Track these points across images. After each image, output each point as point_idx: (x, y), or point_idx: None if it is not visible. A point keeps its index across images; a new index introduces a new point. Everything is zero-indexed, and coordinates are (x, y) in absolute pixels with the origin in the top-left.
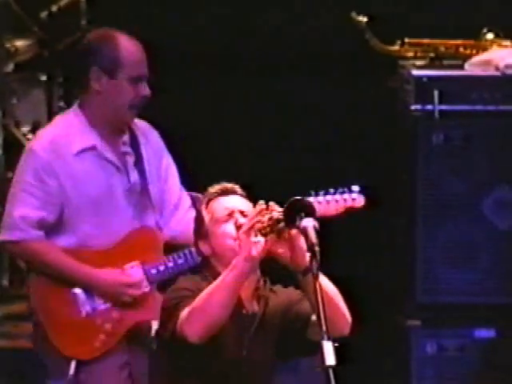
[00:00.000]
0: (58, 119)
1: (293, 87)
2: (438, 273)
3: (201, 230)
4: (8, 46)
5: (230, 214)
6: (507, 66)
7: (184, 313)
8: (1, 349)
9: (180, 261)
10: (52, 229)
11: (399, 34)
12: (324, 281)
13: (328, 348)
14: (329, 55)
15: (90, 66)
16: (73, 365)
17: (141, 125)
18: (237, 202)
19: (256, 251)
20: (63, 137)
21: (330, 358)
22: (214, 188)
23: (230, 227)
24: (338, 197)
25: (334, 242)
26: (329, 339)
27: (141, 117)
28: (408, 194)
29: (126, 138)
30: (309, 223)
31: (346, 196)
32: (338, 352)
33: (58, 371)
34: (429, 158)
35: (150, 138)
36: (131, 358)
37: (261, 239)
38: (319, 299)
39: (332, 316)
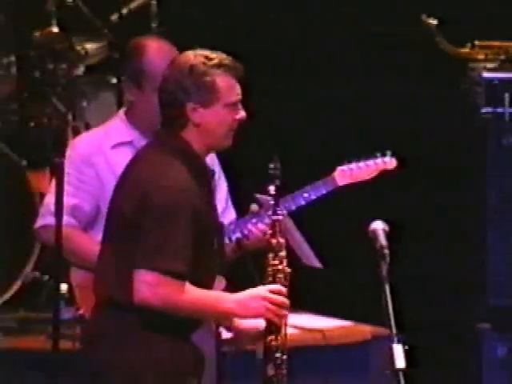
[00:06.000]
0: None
1: (365, 87)
2: (509, 275)
3: (206, 97)
4: (78, 48)
5: (235, 104)
6: None
7: (152, 278)
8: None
9: None
10: (92, 223)
11: (470, 36)
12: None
13: (398, 351)
14: (402, 56)
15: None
16: None
17: None
18: (240, 89)
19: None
20: (102, 132)
21: (400, 361)
22: (222, 56)
23: (231, 118)
24: (369, 162)
25: (403, 244)
26: (399, 342)
27: None
28: (478, 195)
29: None
30: (378, 226)
31: (377, 160)
32: (407, 355)
33: None
34: (498, 160)
35: None
36: None
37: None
38: (389, 303)
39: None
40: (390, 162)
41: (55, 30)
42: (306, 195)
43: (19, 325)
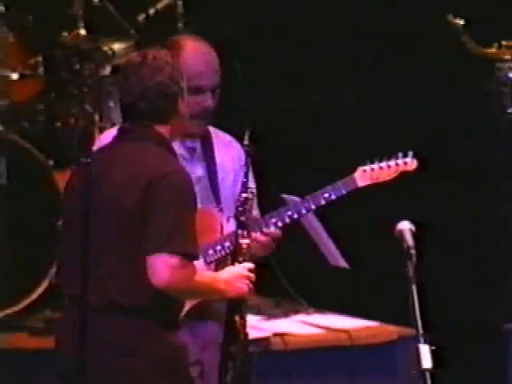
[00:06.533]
0: None
1: (390, 87)
2: None
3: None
4: (105, 48)
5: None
6: None
7: (173, 261)
8: None
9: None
10: None
11: (496, 36)
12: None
13: (424, 351)
14: (426, 57)
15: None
16: None
17: (223, 136)
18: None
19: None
20: None
21: (427, 361)
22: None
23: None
24: (390, 162)
25: (429, 244)
26: (425, 342)
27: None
28: (504, 195)
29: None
30: (405, 226)
31: (398, 161)
32: (434, 355)
33: None
34: None
35: (231, 150)
36: (205, 353)
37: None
38: (415, 303)
39: None
40: (410, 163)
41: (82, 31)
42: (326, 195)
43: (45, 325)
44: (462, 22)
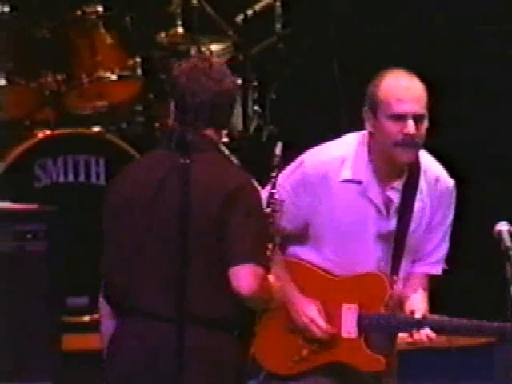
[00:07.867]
0: (346, 139)
1: None
2: None
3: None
4: (203, 49)
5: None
6: None
7: (260, 271)
8: None
9: (393, 322)
10: (297, 238)
11: None
12: None
13: None
14: None
15: (364, 107)
16: (261, 377)
17: (433, 174)
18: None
19: None
20: (338, 160)
21: None
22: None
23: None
24: None
25: None
26: None
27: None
28: None
29: (398, 183)
30: (503, 227)
31: None
32: None
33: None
34: None
35: (436, 191)
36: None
37: None
38: None
39: None
40: None
41: (180, 30)
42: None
43: None
44: None
